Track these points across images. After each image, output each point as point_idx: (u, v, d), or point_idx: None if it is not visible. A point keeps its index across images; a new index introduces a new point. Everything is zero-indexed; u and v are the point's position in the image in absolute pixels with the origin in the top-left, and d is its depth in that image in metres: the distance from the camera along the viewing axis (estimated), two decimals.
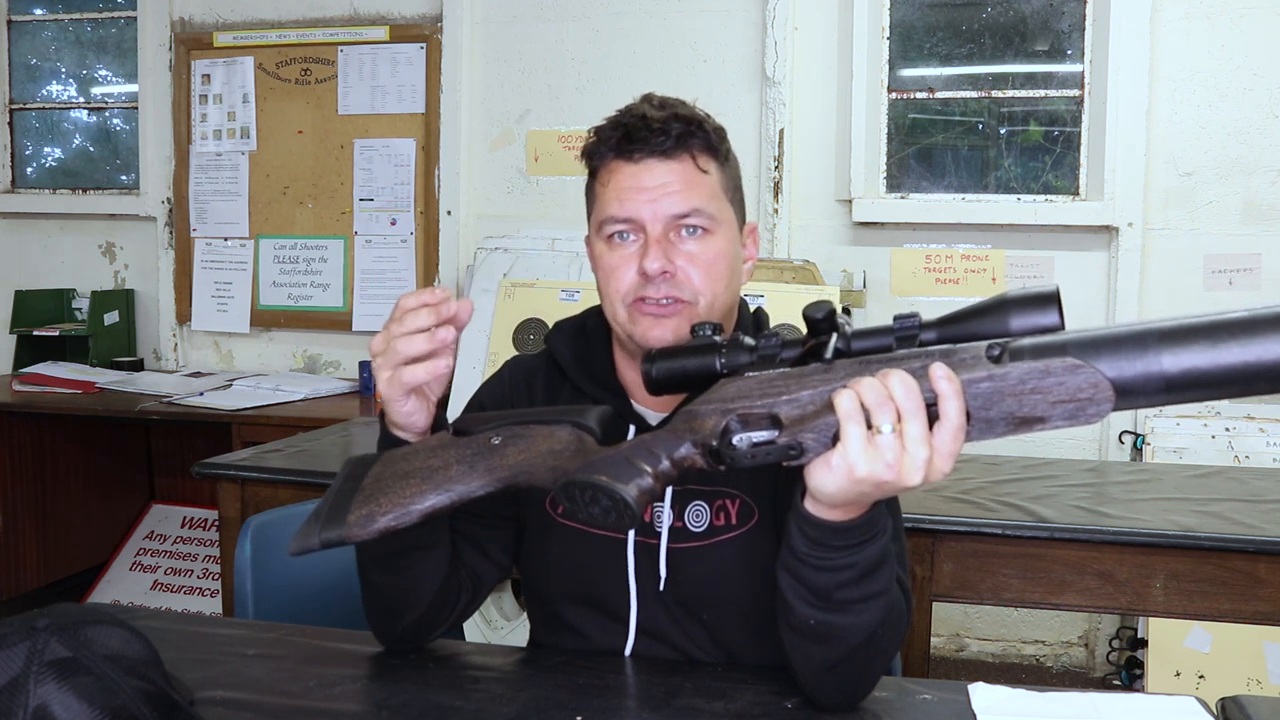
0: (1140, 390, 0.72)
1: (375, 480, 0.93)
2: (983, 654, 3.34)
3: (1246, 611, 1.79)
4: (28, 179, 4.17)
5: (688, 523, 1.12)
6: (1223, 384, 0.70)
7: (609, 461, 0.85)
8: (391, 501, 0.90)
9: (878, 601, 0.92)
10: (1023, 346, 0.76)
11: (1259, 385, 0.70)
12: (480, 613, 3.00)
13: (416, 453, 0.95)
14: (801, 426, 0.81)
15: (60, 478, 3.61)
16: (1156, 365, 0.71)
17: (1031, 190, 3.31)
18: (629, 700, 1.02)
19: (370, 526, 0.90)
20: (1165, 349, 0.71)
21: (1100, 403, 0.73)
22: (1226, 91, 3.08)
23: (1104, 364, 0.72)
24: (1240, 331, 0.69)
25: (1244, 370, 0.69)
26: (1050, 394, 0.74)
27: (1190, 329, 0.71)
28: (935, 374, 0.76)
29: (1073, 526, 1.82)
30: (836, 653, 0.93)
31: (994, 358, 0.76)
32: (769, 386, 0.83)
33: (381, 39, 3.63)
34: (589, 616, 1.15)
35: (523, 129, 3.58)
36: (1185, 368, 0.70)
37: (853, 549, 0.88)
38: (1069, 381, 0.73)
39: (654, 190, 1.07)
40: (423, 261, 3.64)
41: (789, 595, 0.93)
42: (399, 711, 0.98)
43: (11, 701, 0.77)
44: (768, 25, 3.29)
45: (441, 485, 0.90)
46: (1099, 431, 3.19)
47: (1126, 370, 0.72)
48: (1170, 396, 0.72)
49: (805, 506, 0.88)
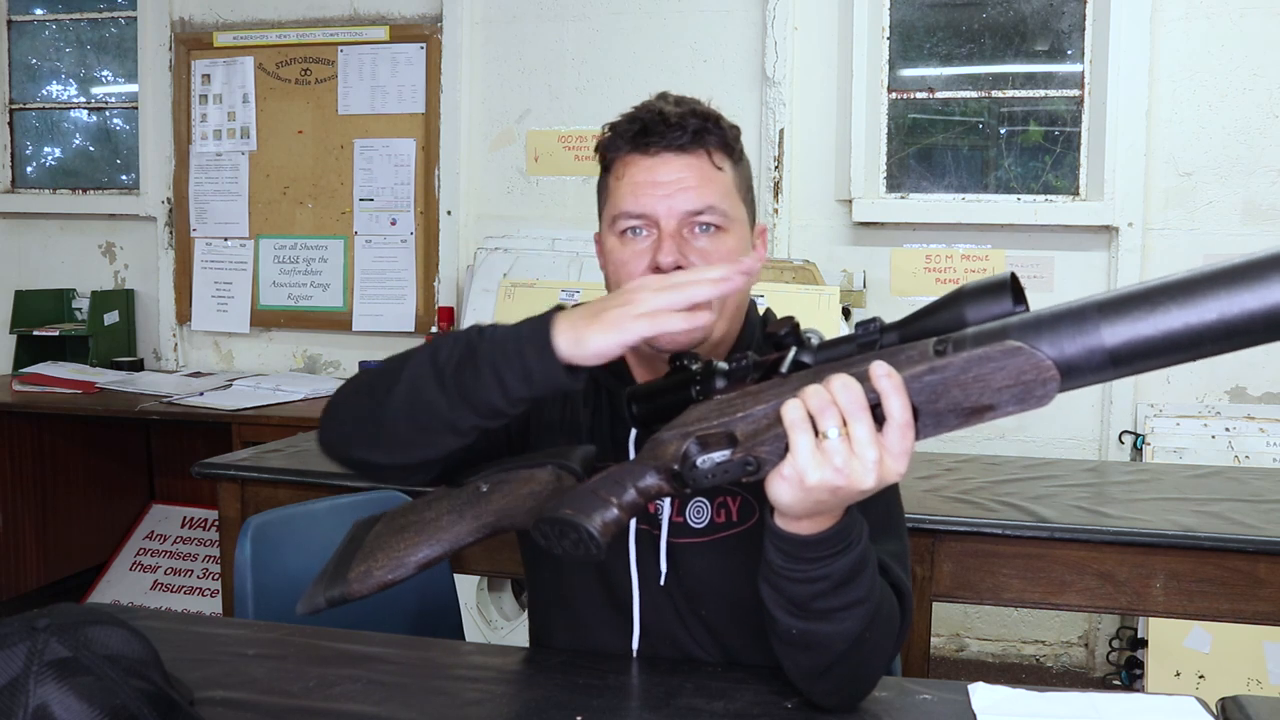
0: (1085, 367, 0.70)
1: (375, 537, 0.97)
2: (983, 654, 3.34)
3: (1246, 611, 1.79)
4: (28, 179, 4.17)
5: (688, 518, 1.12)
6: (1168, 350, 0.68)
7: (577, 496, 0.87)
8: (388, 556, 0.94)
9: (859, 609, 0.91)
10: (965, 336, 0.74)
11: (1205, 348, 0.67)
12: (480, 612, 3.00)
13: (414, 506, 0.99)
14: (755, 441, 0.81)
15: (60, 478, 3.61)
16: (1097, 340, 0.69)
17: (1031, 190, 3.31)
18: (629, 700, 1.02)
19: (368, 582, 0.94)
20: (1104, 321, 0.69)
21: (1046, 383, 0.71)
22: (1226, 91, 3.08)
23: (1045, 344, 0.70)
24: (1179, 293, 0.67)
25: (1187, 334, 0.67)
26: (993, 380, 0.72)
27: (1127, 297, 0.69)
28: (875, 373, 0.75)
29: (1073, 526, 1.82)
30: (823, 659, 0.93)
31: (940, 351, 0.75)
32: (727, 406, 0.84)
33: (381, 39, 3.63)
34: (593, 609, 1.15)
35: (523, 129, 3.58)
36: (1126, 338, 0.68)
37: (825, 560, 0.87)
38: (1010, 365, 0.71)
39: (669, 185, 1.06)
40: (423, 261, 3.64)
41: (770, 605, 0.93)
42: (399, 711, 0.98)
43: (11, 701, 0.77)
44: (768, 25, 3.29)
45: (433, 537, 0.94)
46: (1099, 431, 3.19)
47: (1068, 348, 0.70)
48: (1118, 370, 0.70)
49: (774, 521, 0.87)
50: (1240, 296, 0.65)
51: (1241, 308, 0.65)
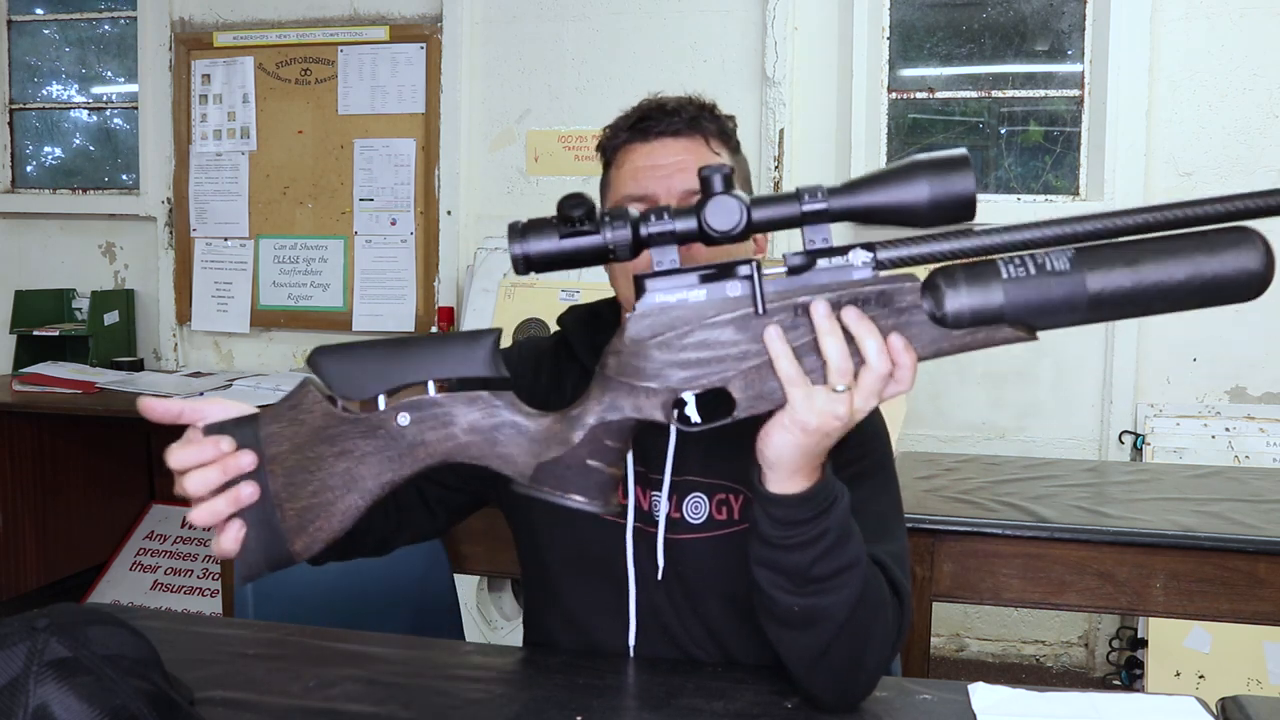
0: (1061, 324, 0.76)
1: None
2: (983, 654, 3.34)
3: (1246, 611, 1.79)
4: (28, 179, 4.17)
5: (685, 514, 1.12)
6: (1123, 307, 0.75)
7: (568, 469, 0.81)
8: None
9: (853, 573, 0.92)
10: (961, 312, 0.76)
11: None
12: (480, 612, 3.00)
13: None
14: (754, 396, 0.80)
15: (60, 478, 3.61)
16: (1081, 300, 0.75)
17: (1032, 190, 3.31)
18: (629, 700, 1.02)
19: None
20: (1093, 303, 0.74)
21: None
22: (1226, 91, 3.08)
23: (1041, 324, 0.76)
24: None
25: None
26: (982, 347, 0.78)
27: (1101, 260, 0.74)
28: (895, 345, 0.77)
29: (1073, 526, 1.82)
30: (823, 636, 0.94)
31: (937, 319, 0.77)
32: (696, 347, 0.79)
33: (381, 39, 3.63)
34: (589, 605, 1.15)
35: (523, 129, 3.58)
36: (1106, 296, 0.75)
37: (819, 518, 0.89)
38: (998, 336, 0.77)
39: (668, 167, 1.08)
40: (423, 261, 3.64)
41: (768, 589, 0.93)
42: (399, 711, 0.98)
43: (11, 701, 0.77)
44: (768, 25, 3.29)
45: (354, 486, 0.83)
46: (1099, 431, 3.19)
47: (1054, 323, 0.76)
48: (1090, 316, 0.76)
49: (765, 486, 0.88)
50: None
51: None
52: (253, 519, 0.82)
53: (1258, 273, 0.73)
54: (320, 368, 0.82)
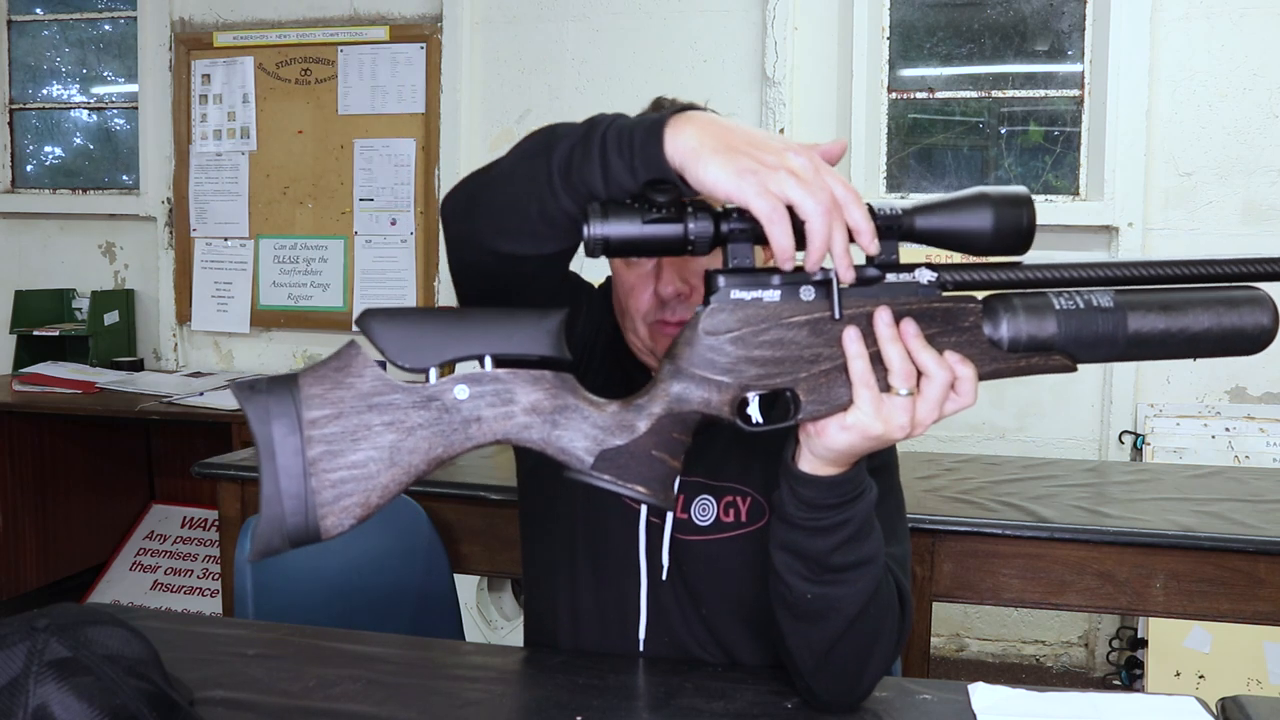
0: (1099, 358, 0.83)
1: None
2: (983, 654, 3.34)
3: (1246, 611, 1.79)
4: (28, 179, 4.17)
5: (693, 515, 1.12)
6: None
7: (632, 458, 0.78)
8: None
9: (869, 569, 0.92)
10: (1019, 337, 0.81)
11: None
12: (480, 612, 3.00)
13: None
14: (817, 400, 0.81)
15: (60, 478, 3.61)
16: (1122, 336, 0.82)
17: (1032, 190, 3.30)
18: (629, 700, 1.02)
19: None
20: (1130, 340, 0.82)
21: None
22: (1226, 91, 3.08)
23: (1082, 356, 0.82)
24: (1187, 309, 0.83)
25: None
26: (1031, 373, 0.84)
27: (1147, 304, 0.82)
28: (952, 358, 0.80)
29: (1073, 526, 1.82)
30: (833, 630, 0.94)
31: (994, 341, 0.82)
32: (770, 345, 0.80)
33: (381, 39, 3.63)
34: (596, 603, 1.15)
35: (523, 129, 3.56)
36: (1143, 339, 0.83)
37: (846, 505, 0.89)
38: (1047, 364, 0.83)
39: None
40: (423, 261, 3.64)
41: (785, 574, 0.93)
42: (399, 711, 0.98)
43: (11, 701, 0.77)
44: (768, 25, 3.29)
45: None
46: (1099, 431, 3.19)
47: (1094, 357, 0.83)
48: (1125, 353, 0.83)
49: (799, 467, 0.88)
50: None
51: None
52: (279, 488, 0.74)
53: (1269, 329, 0.82)
54: (373, 331, 0.75)
